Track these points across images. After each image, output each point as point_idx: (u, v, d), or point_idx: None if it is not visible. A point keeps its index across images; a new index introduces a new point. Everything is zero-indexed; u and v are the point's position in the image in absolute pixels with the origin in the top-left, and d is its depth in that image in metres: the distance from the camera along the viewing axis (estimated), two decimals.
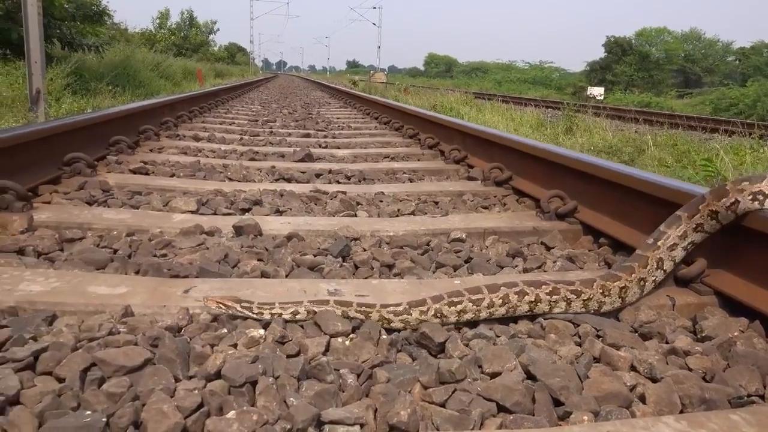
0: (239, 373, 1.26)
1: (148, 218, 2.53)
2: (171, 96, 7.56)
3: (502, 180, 3.47)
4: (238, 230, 2.40)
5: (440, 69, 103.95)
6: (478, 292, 1.63)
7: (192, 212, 2.69)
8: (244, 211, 2.80)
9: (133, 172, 3.53)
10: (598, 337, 1.57)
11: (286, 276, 1.99)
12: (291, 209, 2.87)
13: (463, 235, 2.47)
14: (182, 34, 51.76)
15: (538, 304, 1.66)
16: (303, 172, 3.81)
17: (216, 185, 3.25)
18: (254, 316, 1.57)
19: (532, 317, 1.69)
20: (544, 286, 1.67)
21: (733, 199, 1.79)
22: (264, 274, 1.96)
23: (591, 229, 2.59)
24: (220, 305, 1.56)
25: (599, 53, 61.12)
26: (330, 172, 3.87)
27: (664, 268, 1.81)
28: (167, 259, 2.08)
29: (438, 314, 1.59)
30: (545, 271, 2.14)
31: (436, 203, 3.13)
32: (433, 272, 2.11)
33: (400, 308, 1.58)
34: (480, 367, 1.39)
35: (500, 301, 1.63)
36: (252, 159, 4.33)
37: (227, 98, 11.39)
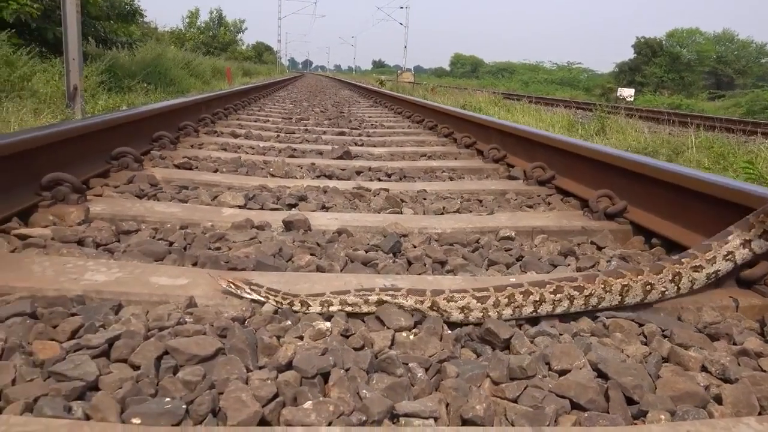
0: (311, 365, 1.27)
1: (199, 212, 2.55)
2: (207, 93, 7.65)
3: (545, 179, 3.45)
4: (288, 225, 2.41)
5: (466, 69, 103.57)
6: (484, 290, 1.61)
7: (240, 207, 2.72)
8: (291, 206, 2.82)
9: (177, 166, 3.57)
10: (664, 336, 1.55)
11: (341, 270, 1.99)
12: (336, 205, 2.88)
13: (512, 234, 2.46)
14: (211, 33, 52.26)
15: (542, 303, 1.61)
16: (343, 170, 3.82)
17: (260, 181, 3.28)
18: (261, 298, 1.61)
19: (592, 315, 1.67)
20: (548, 285, 1.63)
21: (761, 230, 1.77)
22: (319, 269, 1.97)
23: (641, 229, 2.55)
24: (231, 284, 1.62)
25: (628, 54, 60.26)
26: (370, 169, 3.88)
27: (680, 284, 1.73)
28: (222, 252, 2.10)
29: (435, 307, 1.58)
30: (599, 270, 2.11)
31: (480, 201, 3.12)
32: (486, 270, 2.10)
33: (399, 293, 1.60)
34: (548, 364, 1.38)
35: (506, 300, 1.60)
36: (291, 156, 4.36)
37: (258, 96, 11.48)
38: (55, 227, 2.17)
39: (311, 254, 2.11)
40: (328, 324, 1.48)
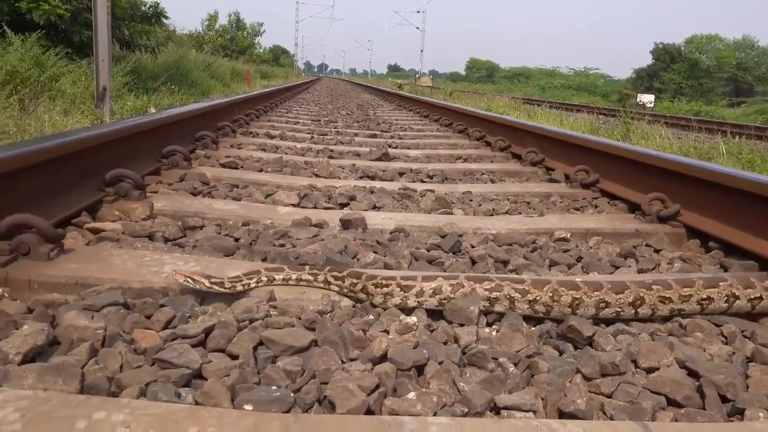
0: (406, 357, 1.29)
1: (256, 210, 2.59)
2: (238, 96, 7.72)
3: (588, 182, 3.45)
4: (345, 224, 2.44)
5: (482, 74, 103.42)
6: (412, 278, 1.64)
7: (294, 205, 2.75)
8: (343, 205, 2.85)
9: (223, 165, 3.62)
10: (745, 337, 1.56)
11: (408, 268, 2.01)
12: (385, 205, 2.91)
13: (567, 235, 2.47)
14: (229, 36, 52.59)
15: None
16: (383, 171, 3.85)
17: (307, 180, 3.31)
18: (225, 290, 1.60)
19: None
20: (486, 282, 1.61)
21: (758, 294, 1.68)
22: (386, 266, 1.99)
23: (696, 232, 2.55)
24: (188, 279, 1.57)
25: (646, 60, 59.85)
26: (411, 171, 3.90)
27: (639, 310, 1.63)
28: (287, 248, 2.13)
29: (364, 290, 1.63)
30: (660, 272, 2.12)
31: (528, 203, 3.13)
32: (549, 269, 2.11)
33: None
34: (634, 361, 1.39)
35: (431, 290, 1.61)
36: (330, 157, 4.39)
37: (283, 99, 11.55)
38: (123, 222, 2.22)
39: (374, 252, 2.13)
40: (414, 318, 1.50)
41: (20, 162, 1.95)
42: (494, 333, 1.50)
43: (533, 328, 1.54)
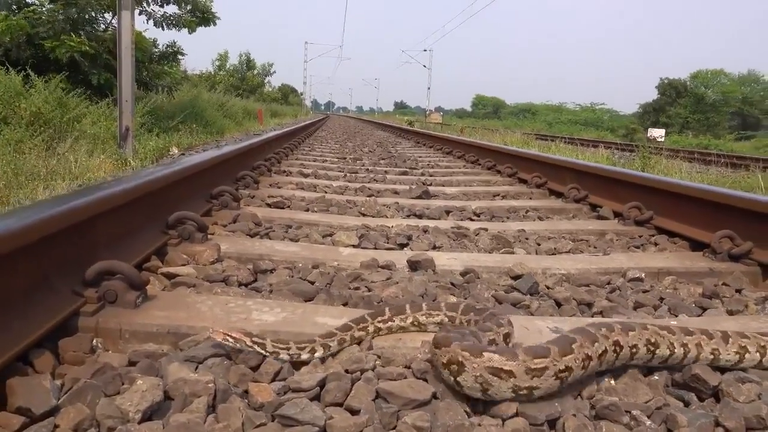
0: (539, 411, 1.22)
1: (319, 251, 2.54)
2: (264, 135, 7.73)
3: (642, 220, 3.39)
4: (414, 265, 2.38)
5: (488, 110, 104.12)
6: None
7: (354, 246, 2.70)
8: (402, 245, 2.80)
9: (270, 206, 3.59)
10: None
11: None
12: (443, 245, 2.85)
13: (642, 275, 2.40)
14: (239, 75, 53.35)
15: None
16: (428, 209, 3.80)
17: (358, 220, 3.26)
18: (267, 353, 1.41)
19: None
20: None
21: None
22: None
23: None
24: (227, 337, 1.40)
25: (652, 95, 60.24)
26: (456, 209, 3.85)
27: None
28: (362, 291, 2.07)
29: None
30: (751, 314, 2.05)
31: (586, 241, 3.07)
32: (636, 311, 2.04)
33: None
34: None
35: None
36: (370, 195, 4.35)
37: (303, 137, 11.59)
38: (195, 266, 2.17)
39: (452, 294, 2.07)
40: None
41: (97, 208, 1.90)
42: (613, 383, 1.43)
43: (655, 377, 1.46)
